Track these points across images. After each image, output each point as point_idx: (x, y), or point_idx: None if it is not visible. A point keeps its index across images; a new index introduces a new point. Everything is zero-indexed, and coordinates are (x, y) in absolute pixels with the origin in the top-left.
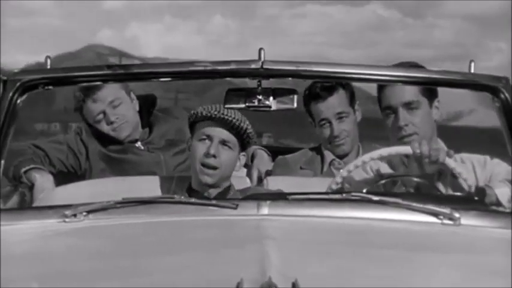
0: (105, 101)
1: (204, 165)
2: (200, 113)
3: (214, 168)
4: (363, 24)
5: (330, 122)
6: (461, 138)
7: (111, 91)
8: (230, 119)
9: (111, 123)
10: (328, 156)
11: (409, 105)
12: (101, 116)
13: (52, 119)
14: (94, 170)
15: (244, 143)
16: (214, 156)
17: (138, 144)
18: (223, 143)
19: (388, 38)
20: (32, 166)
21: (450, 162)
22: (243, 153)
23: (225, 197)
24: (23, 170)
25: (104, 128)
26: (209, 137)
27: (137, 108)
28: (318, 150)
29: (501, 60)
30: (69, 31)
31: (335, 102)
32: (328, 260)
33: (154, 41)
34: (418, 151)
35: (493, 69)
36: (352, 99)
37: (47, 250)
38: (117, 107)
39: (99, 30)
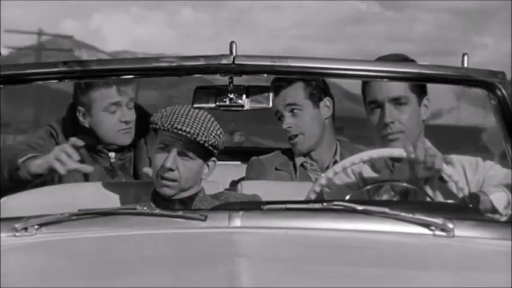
0: (128, 96)
1: (162, 177)
2: (158, 123)
3: (173, 180)
4: (340, 17)
5: (282, 115)
6: (444, 137)
7: (131, 90)
8: (184, 134)
9: (126, 122)
10: (298, 156)
11: (396, 101)
12: (116, 108)
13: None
14: (67, 174)
15: (208, 151)
16: (171, 169)
17: (112, 154)
18: (182, 154)
19: (366, 32)
20: (30, 155)
21: (446, 169)
22: (213, 158)
23: (194, 201)
24: (21, 160)
25: (112, 122)
26: (167, 147)
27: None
28: (290, 152)
29: (486, 55)
30: (29, 22)
31: (287, 94)
32: (307, 280)
33: (122, 34)
34: (412, 155)
35: (477, 65)
36: (314, 93)
37: None
38: (131, 109)
39: (62, 20)
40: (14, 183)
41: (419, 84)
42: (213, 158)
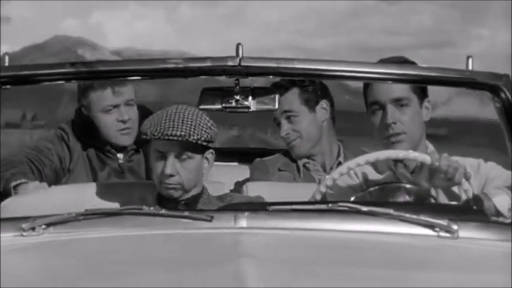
0: (124, 97)
1: (165, 184)
2: (148, 133)
3: (176, 184)
4: (336, 11)
5: (279, 122)
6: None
7: (129, 89)
8: (176, 138)
9: (123, 121)
10: (300, 159)
11: (398, 102)
12: (114, 108)
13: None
14: (72, 177)
15: (203, 146)
16: (171, 175)
17: (120, 155)
18: (179, 157)
19: (362, 25)
20: (23, 180)
21: (464, 184)
22: (210, 151)
23: (197, 202)
24: (14, 184)
25: (111, 123)
26: (163, 155)
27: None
28: (289, 153)
29: (482, 47)
30: (31, 21)
31: (283, 101)
32: (313, 280)
33: (122, 31)
34: (436, 163)
35: (474, 56)
36: (310, 98)
37: None
38: (130, 108)
39: (63, 19)
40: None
41: (421, 86)
42: (210, 150)
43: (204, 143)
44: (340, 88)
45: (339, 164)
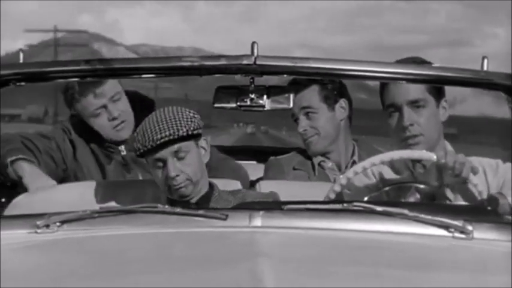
0: (106, 96)
1: (173, 186)
2: (140, 147)
3: (184, 181)
4: (351, 8)
5: (297, 118)
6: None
7: (111, 84)
8: (166, 139)
9: (114, 118)
10: (315, 157)
11: (414, 104)
12: (101, 110)
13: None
14: (79, 173)
15: (194, 136)
16: (177, 175)
17: (122, 147)
18: (177, 156)
19: (378, 23)
20: (20, 156)
21: (473, 178)
22: (203, 138)
23: (209, 201)
24: (10, 159)
25: (103, 124)
26: (162, 160)
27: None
28: (305, 151)
29: (498, 46)
30: (46, 16)
31: (302, 97)
32: (328, 280)
33: (138, 27)
34: (442, 160)
35: (489, 56)
36: (330, 96)
37: (13, 266)
38: (118, 102)
39: (78, 15)
40: (3, 177)
41: (437, 86)
42: (203, 138)
43: (195, 132)
44: (357, 87)
45: (354, 163)
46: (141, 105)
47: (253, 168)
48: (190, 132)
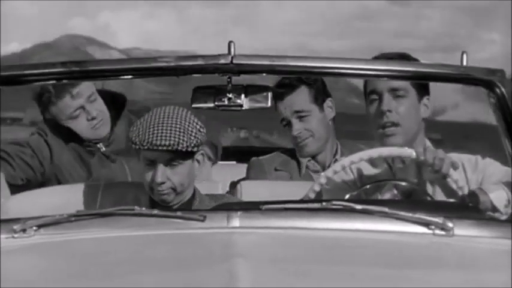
0: (83, 96)
1: (157, 190)
2: (137, 142)
3: (168, 189)
4: (347, 13)
5: (289, 122)
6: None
7: (86, 85)
8: (164, 148)
9: (93, 118)
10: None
11: (395, 92)
12: (79, 111)
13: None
14: (60, 175)
15: (192, 151)
16: (163, 183)
17: (100, 145)
18: (168, 164)
19: (373, 28)
20: None
21: (453, 174)
22: (200, 152)
23: (191, 205)
24: None
25: (82, 124)
26: (153, 162)
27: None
28: (291, 152)
29: (494, 51)
30: (39, 19)
31: (293, 101)
32: (306, 280)
33: (130, 31)
34: (422, 157)
35: (485, 61)
36: (318, 96)
37: None
38: (95, 102)
39: (71, 18)
40: None
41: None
42: (200, 151)
43: (194, 149)
44: (349, 91)
45: (335, 161)
46: (113, 102)
47: (237, 169)
48: (190, 149)
